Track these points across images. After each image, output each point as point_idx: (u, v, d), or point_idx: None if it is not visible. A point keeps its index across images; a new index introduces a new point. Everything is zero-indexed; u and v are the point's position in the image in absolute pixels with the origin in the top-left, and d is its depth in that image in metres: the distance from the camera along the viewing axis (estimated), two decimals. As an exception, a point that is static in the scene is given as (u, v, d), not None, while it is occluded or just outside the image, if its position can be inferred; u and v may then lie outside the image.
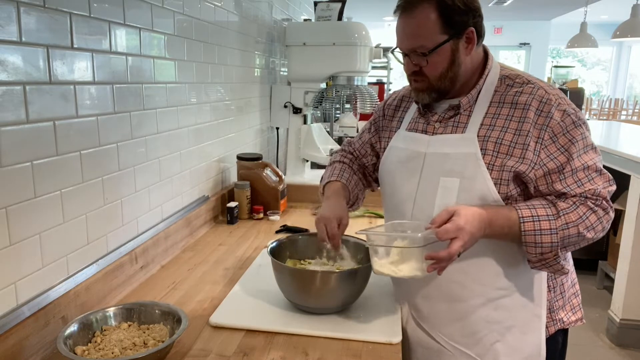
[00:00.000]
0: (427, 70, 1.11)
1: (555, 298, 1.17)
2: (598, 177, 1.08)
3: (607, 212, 1.08)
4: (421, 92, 1.15)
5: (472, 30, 1.08)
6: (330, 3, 2.59)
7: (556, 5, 8.78)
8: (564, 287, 1.19)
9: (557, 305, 1.18)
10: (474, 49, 1.11)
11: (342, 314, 1.20)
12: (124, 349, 0.98)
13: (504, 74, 1.16)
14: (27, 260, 1.02)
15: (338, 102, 2.45)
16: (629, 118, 10.32)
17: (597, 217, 1.06)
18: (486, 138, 1.10)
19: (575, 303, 1.22)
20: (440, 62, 1.09)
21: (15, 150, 0.96)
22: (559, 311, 1.18)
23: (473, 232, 1.00)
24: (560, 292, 1.18)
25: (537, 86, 1.10)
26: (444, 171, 1.13)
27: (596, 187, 1.06)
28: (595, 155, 1.09)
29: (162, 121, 1.53)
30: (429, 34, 1.07)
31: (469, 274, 1.13)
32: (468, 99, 1.14)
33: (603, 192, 1.07)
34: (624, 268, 2.75)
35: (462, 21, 1.07)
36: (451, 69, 1.10)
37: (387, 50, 5.26)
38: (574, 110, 1.09)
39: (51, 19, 1.03)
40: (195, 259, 1.59)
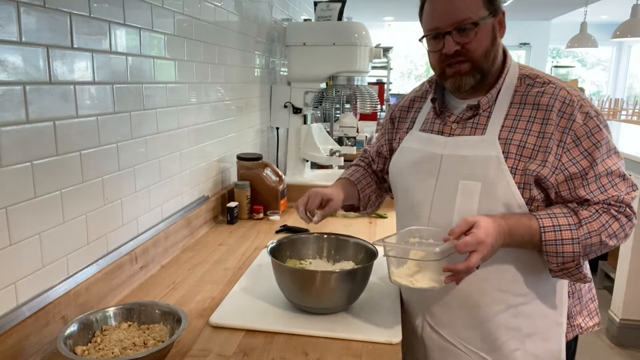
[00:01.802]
0: (473, 46, 1.06)
1: (573, 304, 1.16)
2: (621, 182, 1.05)
3: (630, 219, 1.06)
4: (464, 75, 1.09)
5: (504, 12, 1.09)
6: (330, 3, 2.59)
7: (556, 5, 8.78)
8: (581, 293, 1.17)
9: (575, 311, 1.16)
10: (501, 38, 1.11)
11: (342, 314, 1.20)
12: (124, 349, 0.98)
13: (523, 74, 1.12)
14: (27, 260, 1.02)
15: (338, 102, 2.45)
16: (629, 118, 10.32)
17: (620, 224, 1.04)
18: (508, 141, 1.06)
19: (592, 308, 1.20)
20: (484, 38, 1.06)
21: (15, 150, 0.96)
22: (577, 317, 1.16)
23: (493, 244, 0.98)
24: (578, 298, 1.16)
25: (558, 87, 1.07)
26: (463, 174, 1.09)
27: (619, 193, 1.04)
28: (618, 160, 1.07)
29: (162, 121, 1.53)
30: (474, 8, 1.04)
31: (489, 281, 1.10)
32: (487, 98, 1.11)
33: (626, 199, 1.05)
34: (624, 268, 2.75)
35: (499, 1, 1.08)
36: (492, 47, 1.08)
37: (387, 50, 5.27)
38: (596, 113, 1.06)
39: (51, 19, 1.03)
40: (195, 259, 1.59)
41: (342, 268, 1.29)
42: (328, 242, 1.39)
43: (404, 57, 12.04)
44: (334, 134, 3.61)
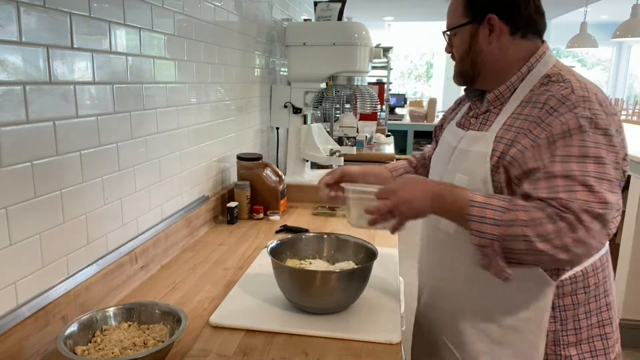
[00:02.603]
0: (454, 50, 1.14)
1: (564, 331, 1.06)
2: (583, 192, 0.91)
3: (574, 230, 0.89)
4: (456, 75, 1.17)
5: (492, 17, 1.05)
6: (330, 3, 2.59)
7: (556, 5, 8.77)
8: (579, 323, 1.06)
9: (567, 340, 1.06)
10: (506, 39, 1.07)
11: (342, 314, 1.20)
12: (124, 349, 0.98)
13: (547, 73, 1.06)
14: (27, 260, 1.02)
15: (338, 102, 2.45)
16: (629, 118, 10.31)
17: (556, 229, 0.90)
18: (500, 139, 1.04)
19: (599, 346, 1.08)
20: (459, 44, 1.12)
21: (15, 150, 0.96)
22: (569, 347, 1.06)
23: (408, 199, 1.01)
24: (574, 328, 1.06)
25: (567, 84, 0.99)
26: (461, 168, 1.11)
27: (571, 199, 0.91)
28: (593, 169, 0.92)
29: (162, 121, 1.53)
30: (455, 15, 1.11)
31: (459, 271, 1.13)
32: (495, 95, 1.11)
33: (576, 207, 0.90)
34: (624, 268, 2.75)
35: (481, 6, 1.06)
36: (468, 53, 1.10)
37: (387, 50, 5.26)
38: (592, 116, 0.95)
39: (51, 19, 1.03)
40: (195, 259, 1.59)
41: (342, 268, 1.29)
42: (328, 242, 1.39)
43: (404, 57, 12.04)
44: (334, 134, 3.61)
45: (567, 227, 0.90)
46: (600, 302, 1.07)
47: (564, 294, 1.04)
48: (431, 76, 11.67)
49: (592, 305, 1.07)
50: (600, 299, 1.07)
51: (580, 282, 1.04)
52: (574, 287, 1.04)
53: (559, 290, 1.04)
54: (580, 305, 1.05)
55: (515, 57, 1.09)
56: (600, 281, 1.07)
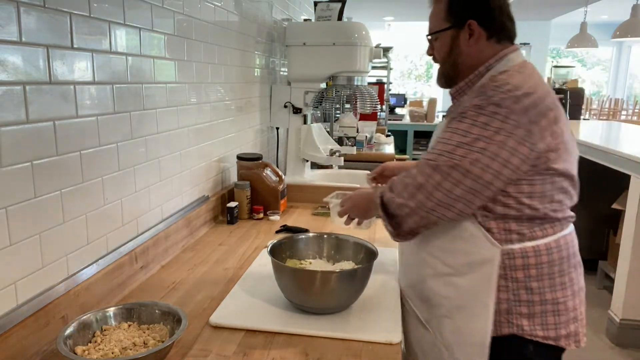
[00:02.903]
0: (435, 53, 1.26)
1: (516, 302, 1.14)
2: (442, 153, 1.10)
3: (415, 179, 1.13)
4: (437, 77, 1.30)
5: (472, 22, 1.16)
6: (330, 3, 2.59)
7: (556, 5, 8.77)
8: (532, 297, 1.14)
9: (519, 311, 1.14)
10: (482, 42, 1.18)
11: (342, 314, 1.20)
12: (124, 349, 0.98)
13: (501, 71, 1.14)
14: (27, 260, 1.02)
15: (338, 102, 2.45)
16: (629, 118, 10.32)
17: (404, 184, 1.15)
18: (440, 129, 1.21)
19: (551, 321, 1.15)
20: (441, 47, 1.23)
21: (15, 150, 0.96)
22: (522, 318, 1.14)
23: (357, 204, 1.34)
24: (527, 300, 1.14)
25: (498, 77, 1.10)
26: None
27: (427, 157, 1.13)
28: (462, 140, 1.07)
29: (162, 121, 1.53)
30: (437, 21, 1.22)
31: (422, 245, 1.24)
32: (455, 89, 1.24)
33: (423, 162, 1.14)
34: (624, 268, 2.75)
35: (462, 12, 1.17)
36: (450, 55, 1.21)
37: (387, 50, 5.27)
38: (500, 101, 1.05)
39: (51, 19, 1.03)
40: (195, 259, 1.59)
41: (342, 268, 1.29)
42: (328, 242, 1.40)
43: (404, 57, 12.04)
44: (334, 134, 3.61)
45: (411, 179, 1.14)
46: (554, 280, 1.15)
47: (515, 266, 1.13)
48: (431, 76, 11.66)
49: (546, 282, 1.14)
50: (554, 278, 1.15)
51: (532, 257, 1.13)
52: (526, 261, 1.13)
53: (510, 262, 1.13)
54: (532, 280, 1.13)
55: (487, 58, 1.19)
56: (555, 261, 1.14)
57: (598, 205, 3.58)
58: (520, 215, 1.11)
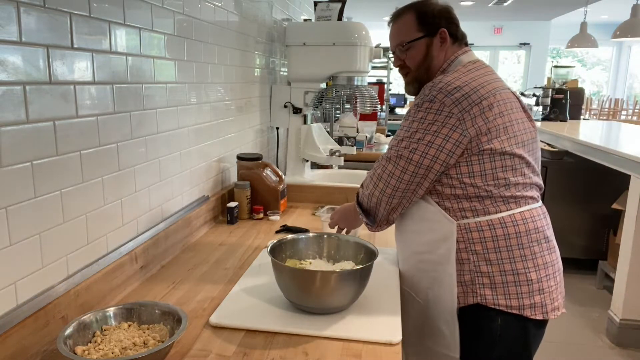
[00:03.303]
0: (408, 61, 1.41)
1: (478, 273, 1.27)
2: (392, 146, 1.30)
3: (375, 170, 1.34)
4: (408, 84, 1.46)
5: (444, 31, 1.36)
6: (330, 3, 2.59)
7: (556, 5, 8.77)
8: (492, 268, 1.26)
9: (481, 281, 1.27)
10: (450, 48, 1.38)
11: (342, 314, 1.20)
12: (124, 349, 0.98)
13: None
14: (27, 260, 1.02)
15: (338, 102, 2.45)
16: (629, 118, 10.32)
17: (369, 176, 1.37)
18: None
19: (513, 291, 1.25)
20: (416, 54, 1.39)
21: (15, 150, 0.96)
22: (485, 288, 1.26)
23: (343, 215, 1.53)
24: (488, 272, 1.26)
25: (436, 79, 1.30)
26: None
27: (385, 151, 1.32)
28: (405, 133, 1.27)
29: (162, 121, 1.53)
30: (408, 33, 1.39)
31: (399, 230, 1.45)
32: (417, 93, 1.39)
33: (381, 156, 1.33)
34: (624, 268, 2.75)
35: (435, 23, 1.37)
36: (426, 60, 1.38)
37: (387, 50, 5.27)
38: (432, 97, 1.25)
39: (51, 19, 1.03)
40: (195, 259, 1.59)
41: (342, 268, 1.29)
42: (328, 242, 1.40)
43: (404, 57, 12.03)
44: (334, 134, 3.61)
45: (372, 172, 1.35)
46: (512, 252, 1.25)
47: (472, 239, 1.27)
48: (431, 76, 11.63)
49: (504, 254, 1.25)
50: (512, 250, 1.25)
51: (487, 230, 1.25)
52: (482, 234, 1.26)
53: (468, 236, 1.27)
54: (490, 252, 1.26)
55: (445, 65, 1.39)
56: (511, 235, 1.25)
57: (598, 205, 3.58)
58: (466, 193, 1.26)
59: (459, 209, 1.28)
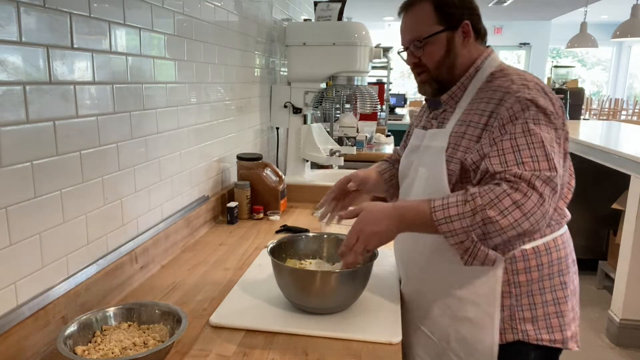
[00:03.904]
0: (425, 59, 1.20)
1: (519, 306, 1.13)
2: (530, 162, 1.02)
3: (528, 195, 0.98)
4: (424, 84, 1.25)
5: (467, 23, 1.18)
6: (330, 3, 2.59)
7: (556, 5, 8.77)
8: (533, 299, 1.13)
9: (522, 315, 1.13)
10: (472, 43, 1.20)
11: (342, 314, 1.20)
12: (124, 349, 0.98)
13: (492, 72, 1.19)
14: (27, 260, 1.02)
15: (338, 102, 2.45)
16: (629, 118, 10.32)
17: (513, 200, 0.98)
18: (454, 133, 1.16)
19: (555, 323, 1.14)
20: (435, 50, 1.19)
21: (15, 150, 0.96)
22: (525, 323, 1.13)
23: (377, 231, 1.07)
24: (529, 304, 1.13)
25: (508, 79, 1.13)
26: (424, 162, 1.24)
27: (521, 170, 1.01)
28: (537, 141, 1.03)
29: (162, 121, 1.53)
30: (425, 26, 1.18)
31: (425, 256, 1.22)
32: (448, 95, 1.22)
33: (526, 175, 1.00)
34: (624, 268, 2.75)
35: (457, 14, 1.17)
36: (447, 57, 1.19)
37: (387, 50, 5.27)
38: (532, 98, 1.06)
39: (51, 19, 1.03)
40: (195, 259, 1.59)
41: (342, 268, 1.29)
42: (328, 242, 1.39)
43: (404, 57, 12.02)
44: (334, 134, 3.61)
45: (520, 195, 0.99)
46: (554, 280, 1.14)
47: (517, 270, 1.12)
48: (431, 76, 11.62)
49: (546, 283, 1.14)
50: (554, 277, 1.14)
51: (533, 259, 1.12)
52: (527, 264, 1.12)
53: (512, 267, 1.12)
54: (534, 282, 1.13)
55: (473, 60, 1.22)
56: (554, 261, 1.14)
57: (598, 205, 3.58)
58: None
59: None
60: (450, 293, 1.18)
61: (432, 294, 1.22)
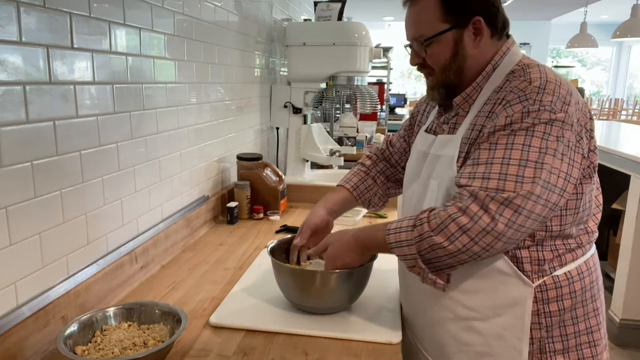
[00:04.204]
0: (429, 61, 1.07)
1: (550, 338, 1.02)
2: (495, 179, 0.90)
3: (475, 219, 0.89)
4: (431, 89, 1.11)
5: (479, 20, 1.01)
6: (330, 3, 2.59)
7: (556, 5, 8.78)
8: (565, 330, 1.02)
9: (553, 348, 1.02)
10: (486, 41, 1.04)
11: (342, 314, 1.20)
12: (124, 349, 0.98)
13: (512, 69, 1.03)
14: (27, 260, 1.02)
15: (338, 102, 2.45)
16: (629, 118, 10.32)
17: (459, 226, 0.90)
18: (465, 140, 1.03)
19: (587, 354, 1.03)
20: (441, 52, 1.04)
21: (15, 150, 0.96)
22: (556, 355, 1.02)
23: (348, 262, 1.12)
24: (560, 335, 1.02)
25: (527, 77, 0.98)
26: (435, 173, 1.09)
27: (481, 187, 0.91)
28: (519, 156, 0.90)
29: (162, 121, 1.53)
30: (429, 23, 1.03)
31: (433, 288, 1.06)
32: (462, 97, 1.07)
33: (481, 195, 0.90)
34: (624, 268, 2.75)
35: (466, 10, 1.02)
36: (455, 60, 1.04)
37: (387, 50, 5.27)
38: (541, 107, 0.92)
39: (51, 19, 1.03)
40: (195, 259, 1.59)
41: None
42: (328, 242, 1.39)
43: (404, 57, 12.04)
44: (334, 134, 3.61)
45: (467, 219, 0.90)
46: (587, 307, 1.04)
47: (548, 299, 1.00)
48: (431, 76, 11.62)
49: (579, 311, 1.03)
50: (587, 305, 1.03)
51: (566, 286, 1.01)
52: (559, 292, 1.00)
53: (543, 296, 1.00)
54: (566, 311, 1.01)
55: (489, 59, 1.06)
56: (587, 286, 1.03)
57: (598, 205, 3.57)
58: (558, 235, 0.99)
59: (536, 261, 0.99)
60: (472, 327, 1.04)
61: (449, 328, 1.07)
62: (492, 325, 1.02)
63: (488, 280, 1.01)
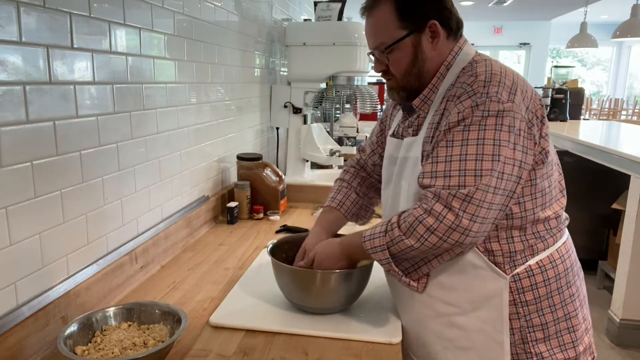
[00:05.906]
0: (392, 67, 1.10)
1: (530, 328, 1.05)
2: (457, 176, 0.95)
3: (440, 219, 0.94)
4: (391, 90, 1.15)
5: (434, 23, 1.05)
6: (330, 3, 2.59)
7: (556, 5, 8.77)
8: (545, 318, 1.05)
9: (534, 337, 1.05)
10: (443, 43, 1.08)
11: (342, 314, 1.20)
12: (124, 349, 0.98)
13: (464, 67, 1.07)
14: (27, 260, 1.02)
15: (338, 102, 2.45)
16: (629, 118, 10.33)
17: (426, 227, 0.95)
18: (427, 139, 1.07)
19: (568, 339, 1.06)
20: (402, 58, 1.08)
21: (15, 150, 0.96)
22: (538, 344, 1.05)
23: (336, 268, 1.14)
24: (541, 324, 1.05)
25: (473, 72, 1.02)
26: (404, 176, 1.14)
27: (440, 188, 0.95)
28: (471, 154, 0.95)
29: (162, 121, 1.53)
30: (387, 31, 1.07)
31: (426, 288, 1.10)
32: (420, 99, 1.11)
33: (443, 194, 0.94)
34: (624, 268, 2.75)
35: (420, 15, 1.05)
36: (415, 64, 1.08)
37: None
38: (487, 99, 0.95)
39: (51, 19, 1.03)
40: (195, 259, 1.59)
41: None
42: (328, 242, 1.39)
43: (404, 57, 12.04)
44: (334, 134, 3.61)
45: (433, 220, 0.95)
46: (563, 294, 1.07)
47: (523, 288, 1.04)
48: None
49: (556, 298, 1.06)
50: (563, 291, 1.06)
51: (539, 274, 1.04)
52: (532, 280, 1.04)
53: (517, 285, 1.04)
54: (542, 299, 1.05)
55: (444, 59, 1.09)
56: (561, 273, 1.06)
57: (598, 205, 3.58)
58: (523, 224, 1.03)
59: (508, 253, 1.03)
60: (452, 323, 1.07)
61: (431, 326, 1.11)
62: (472, 319, 1.06)
63: (464, 275, 1.05)
